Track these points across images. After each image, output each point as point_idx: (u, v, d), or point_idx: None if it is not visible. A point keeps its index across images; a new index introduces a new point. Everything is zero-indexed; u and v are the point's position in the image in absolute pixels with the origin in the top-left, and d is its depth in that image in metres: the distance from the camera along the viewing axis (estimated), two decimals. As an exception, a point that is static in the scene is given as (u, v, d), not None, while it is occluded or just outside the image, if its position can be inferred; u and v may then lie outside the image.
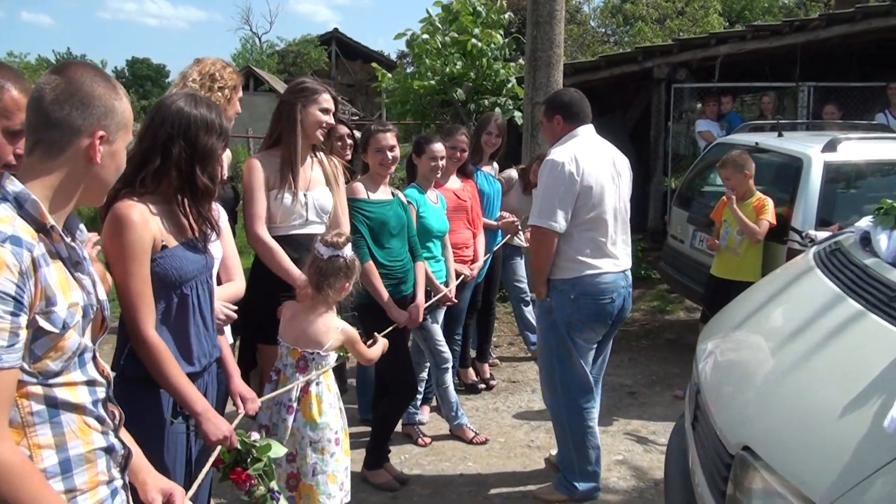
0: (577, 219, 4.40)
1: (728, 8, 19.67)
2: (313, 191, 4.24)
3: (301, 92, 4.24)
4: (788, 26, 10.56)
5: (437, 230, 5.40)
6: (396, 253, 4.81)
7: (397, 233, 4.82)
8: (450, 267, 5.62)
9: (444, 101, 10.63)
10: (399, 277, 4.82)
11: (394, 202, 4.85)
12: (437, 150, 5.35)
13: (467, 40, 10.07)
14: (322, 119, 4.21)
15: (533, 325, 7.36)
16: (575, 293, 4.44)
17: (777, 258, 6.34)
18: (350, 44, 39.62)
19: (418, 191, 5.36)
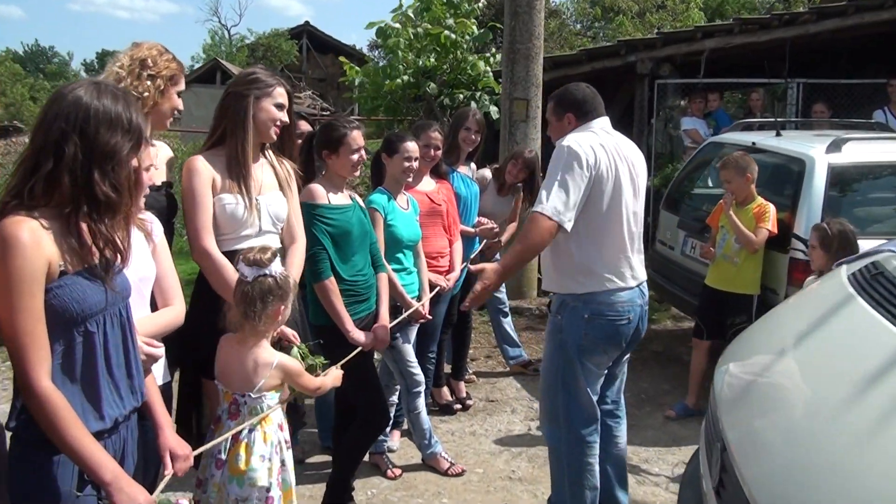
0: (589, 218, 3.81)
1: (706, 4, 19.22)
2: (265, 195, 3.68)
3: (253, 83, 3.68)
4: (778, 20, 10.10)
5: (408, 239, 4.83)
6: (360, 266, 4.24)
7: (360, 243, 4.25)
8: (423, 279, 5.05)
9: (416, 95, 10.05)
10: (362, 294, 4.25)
11: (354, 207, 4.28)
12: (412, 149, 4.78)
13: (440, 32, 9.50)
14: (276, 115, 3.66)
15: (512, 338, 6.82)
16: (589, 311, 3.90)
17: (778, 268, 5.86)
18: (321, 37, 38.86)
19: (387, 196, 4.79)
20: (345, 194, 4.28)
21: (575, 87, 4.14)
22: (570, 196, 3.69)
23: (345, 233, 4.13)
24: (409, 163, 4.76)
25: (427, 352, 5.56)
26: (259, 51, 37.87)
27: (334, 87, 33.25)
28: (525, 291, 8.82)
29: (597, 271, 3.88)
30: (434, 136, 5.32)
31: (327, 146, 4.20)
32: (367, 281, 4.27)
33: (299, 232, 3.86)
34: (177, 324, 3.03)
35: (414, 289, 4.93)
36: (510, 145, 8.60)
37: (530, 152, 6.35)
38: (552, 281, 4.07)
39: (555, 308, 4.06)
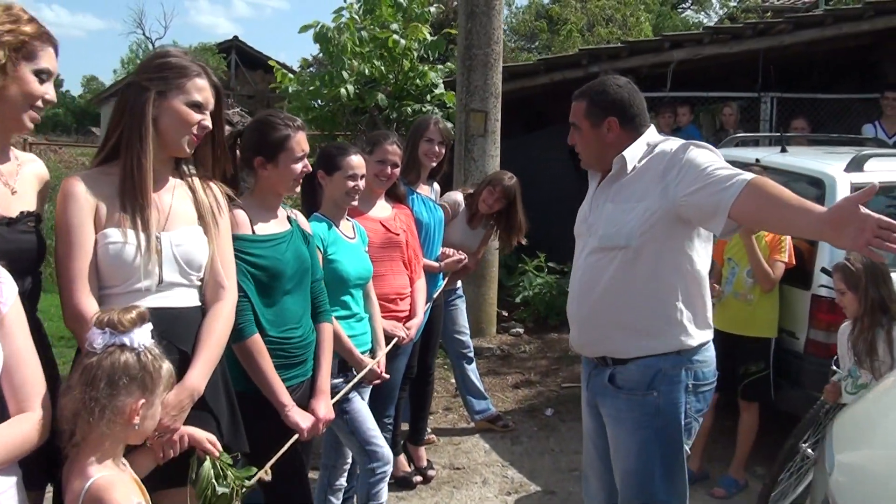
0: (702, 240, 3.04)
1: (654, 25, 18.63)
2: (174, 231, 2.58)
3: (159, 71, 2.57)
4: (751, 29, 9.31)
5: (356, 277, 3.75)
6: (294, 317, 3.13)
7: (297, 283, 3.15)
8: (377, 328, 3.98)
9: (357, 108, 8.97)
10: (296, 355, 3.14)
11: (292, 235, 3.18)
12: (357, 165, 3.73)
13: (388, 35, 8.45)
14: (190, 118, 2.58)
15: (477, 388, 5.78)
16: (693, 376, 3.03)
17: (797, 308, 4.96)
18: (251, 53, 37.34)
19: (326, 224, 3.73)
20: (279, 218, 3.19)
21: (610, 81, 3.14)
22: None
23: (275, 273, 3.04)
24: (353, 182, 3.71)
25: (382, 416, 4.49)
26: (186, 66, 36.34)
27: (264, 104, 31.99)
28: (483, 329, 7.78)
29: (700, 313, 3.05)
30: (391, 150, 4.27)
31: (261, 151, 3.09)
32: (304, 338, 3.17)
33: (229, 284, 2.74)
34: (33, 441, 2.07)
35: (365, 341, 3.86)
36: (467, 164, 7.60)
37: (511, 179, 5.31)
38: (633, 337, 3.03)
39: (637, 382, 3.04)
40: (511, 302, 8.52)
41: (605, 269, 3.01)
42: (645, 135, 3.09)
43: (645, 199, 2.93)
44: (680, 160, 2.88)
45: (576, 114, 3.11)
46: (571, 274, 3.30)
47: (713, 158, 2.86)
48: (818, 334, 4.87)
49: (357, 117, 8.98)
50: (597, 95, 3.07)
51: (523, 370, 7.13)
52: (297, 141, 3.09)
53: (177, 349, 2.52)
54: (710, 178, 2.74)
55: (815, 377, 4.82)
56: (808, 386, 4.89)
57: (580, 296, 3.14)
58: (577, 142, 3.15)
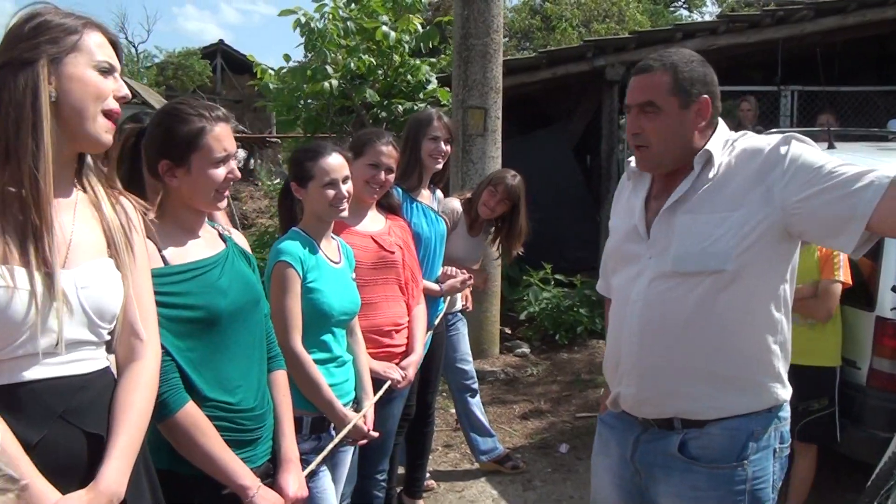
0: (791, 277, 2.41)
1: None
2: (77, 268, 1.81)
3: (36, 35, 1.81)
4: (770, 17, 8.63)
5: (340, 312, 2.99)
6: (240, 372, 2.31)
7: (242, 323, 2.32)
8: (363, 373, 3.22)
9: (343, 106, 8.22)
10: (248, 430, 2.33)
11: (227, 258, 2.36)
12: (333, 168, 2.97)
13: (376, 27, 7.71)
14: (104, 86, 1.85)
15: (482, 425, 5.02)
16: (780, 436, 2.39)
17: (858, 332, 4.23)
18: (237, 57, 36.62)
19: (307, 243, 2.97)
20: (205, 238, 2.37)
21: (690, 54, 2.42)
22: None
23: (207, 314, 2.22)
24: (333, 189, 2.95)
25: (374, 473, 3.74)
26: (169, 69, 35.57)
27: (251, 110, 31.31)
28: (485, 350, 7.02)
29: (789, 355, 2.42)
30: (385, 152, 3.52)
31: (166, 153, 2.26)
32: (258, 404, 2.36)
33: (149, 336, 1.96)
34: None
35: (348, 389, 3.09)
36: (464, 166, 6.86)
37: (514, 177, 4.54)
38: (720, 391, 2.33)
39: (723, 451, 2.33)
40: (515, 318, 7.77)
41: (684, 300, 2.28)
42: (721, 126, 2.39)
43: (742, 207, 2.22)
44: (783, 156, 2.19)
45: (655, 89, 2.31)
46: (617, 309, 2.51)
47: (824, 154, 2.19)
48: (883, 363, 4.14)
49: (343, 117, 8.23)
50: (687, 66, 2.31)
51: (532, 397, 6.37)
52: (215, 136, 2.25)
53: (83, 434, 1.78)
54: (834, 178, 2.09)
55: (880, 414, 4.14)
56: (871, 425, 4.18)
57: (644, 336, 2.36)
58: (647, 129, 2.34)
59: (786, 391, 2.36)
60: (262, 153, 22.78)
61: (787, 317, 2.35)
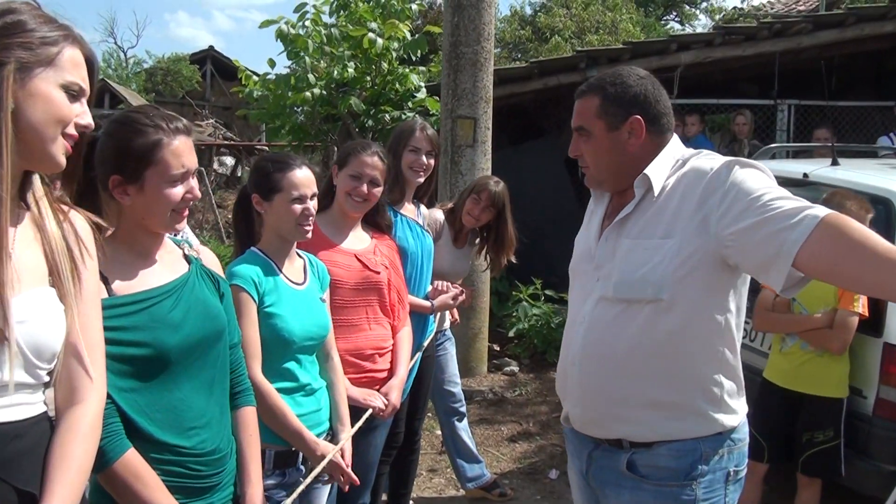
0: (744, 286, 2.32)
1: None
2: (15, 298, 1.57)
3: (8, 35, 1.58)
4: (767, 29, 8.44)
5: (303, 338, 2.74)
6: (197, 411, 2.06)
7: (199, 358, 2.08)
8: (338, 401, 2.96)
9: (329, 115, 7.99)
10: (205, 477, 2.07)
11: (186, 283, 2.11)
12: (302, 182, 2.74)
13: (363, 34, 7.48)
14: (66, 111, 1.64)
15: (469, 450, 4.78)
16: (735, 461, 2.33)
17: (864, 359, 4.01)
18: (227, 64, 36.36)
19: (262, 264, 2.74)
20: (163, 261, 2.13)
21: (633, 70, 2.36)
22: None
23: (155, 356, 1.97)
24: (301, 205, 2.73)
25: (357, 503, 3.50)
26: (158, 75, 35.29)
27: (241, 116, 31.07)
28: (473, 367, 6.79)
29: (739, 378, 2.32)
30: (369, 163, 3.29)
31: (118, 168, 2.01)
32: (217, 448, 2.10)
33: (96, 376, 1.72)
34: None
35: (320, 419, 2.85)
36: (454, 177, 6.63)
37: (497, 183, 4.33)
38: (663, 416, 2.25)
39: (670, 471, 2.26)
40: (503, 334, 7.53)
41: (625, 326, 2.23)
42: (670, 144, 2.33)
43: (676, 234, 2.17)
44: (724, 183, 2.11)
45: (584, 113, 2.32)
46: (567, 327, 2.47)
47: (768, 183, 2.11)
48: (891, 392, 3.93)
49: (329, 125, 8.00)
50: (614, 88, 2.27)
51: (520, 418, 6.14)
52: (173, 151, 2.00)
53: (15, 491, 1.56)
54: (768, 212, 1.99)
55: (887, 446, 3.94)
56: (878, 457, 3.97)
57: (585, 360, 2.33)
58: (583, 152, 2.34)
59: (733, 417, 2.28)
60: (249, 161, 22.55)
61: (732, 346, 2.26)
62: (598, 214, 2.43)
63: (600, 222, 2.41)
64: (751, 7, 16.93)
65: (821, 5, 12.52)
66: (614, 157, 2.29)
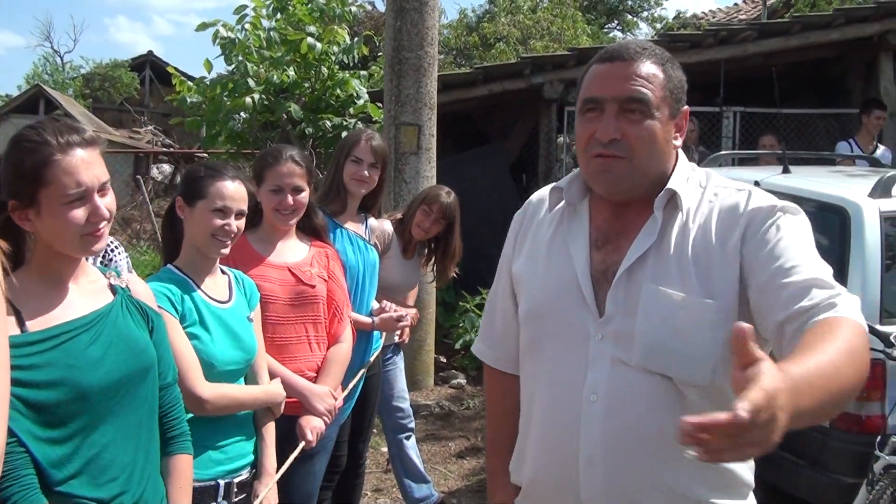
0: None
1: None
2: None
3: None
4: (713, 37, 8.41)
5: (224, 362, 2.50)
6: (120, 461, 1.83)
7: (122, 400, 1.85)
8: (264, 433, 2.72)
9: (267, 121, 7.74)
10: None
11: (107, 316, 1.88)
12: (230, 195, 2.52)
13: (301, 38, 7.26)
14: None
15: (417, 470, 4.58)
16: None
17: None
18: (166, 69, 35.79)
19: (179, 284, 2.50)
20: (92, 284, 1.91)
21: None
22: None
23: (72, 397, 1.75)
24: (222, 219, 2.50)
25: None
26: (96, 81, 34.51)
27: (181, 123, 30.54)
28: (419, 381, 6.59)
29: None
30: (287, 171, 3.07)
31: (15, 191, 1.79)
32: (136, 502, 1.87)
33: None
34: None
35: (246, 451, 2.62)
36: (397, 185, 6.44)
37: (449, 194, 4.19)
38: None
39: None
40: (450, 346, 7.34)
41: (667, 409, 1.66)
42: (682, 155, 1.83)
43: (720, 295, 1.65)
44: (765, 232, 1.65)
45: (647, 84, 1.70)
46: (547, 400, 1.81)
47: (809, 239, 1.66)
48: (848, 404, 3.84)
49: (268, 132, 7.75)
50: (672, 66, 1.77)
51: (468, 433, 5.95)
52: (64, 168, 1.76)
53: None
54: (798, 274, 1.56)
55: (844, 457, 3.83)
56: (835, 469, 3.89)
57: (615, 451, 1.69)
58: (631, 135, 1.69)
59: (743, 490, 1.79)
60: (188, 169, 22.14)
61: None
62: (580, 241, 1.81)
63: (587, 250, 1.79)
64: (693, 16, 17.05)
65: (762, 15, 12.62)
66: (664, 152, 1.74)
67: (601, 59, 1.76)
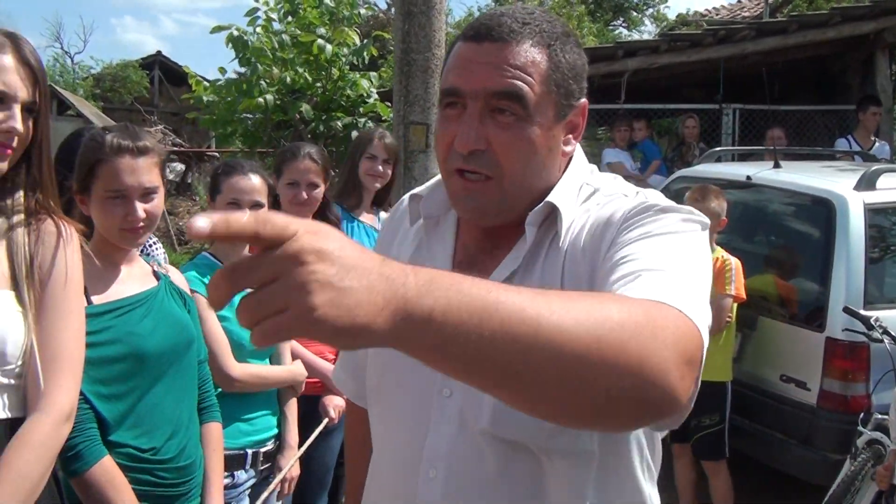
0: None
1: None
2: None
3: None
4: (712, 36, 8.65)
5: (251, 344, 2.73)
6: (168, 419, 2.08)
7: (170, 368, 2.09)
8: (288, 410, 2.98)
9: (281, 121, 7.99)
10: (173, 485, 2.08)
11: (156, 296, 2.12)
12: (243, 189, 2.76)
13: (312, 41, 7.51)
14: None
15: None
16: None
17: (807, 352, 4.17)
18: (175, 69, 35.92)
19: (213, 270, 2.74)
20: (132, 274, 2.14)
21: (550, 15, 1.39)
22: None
23: (132, 353, 1.99)
24: (235, 210, 2.74)
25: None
26: (106, 81, 34.84)
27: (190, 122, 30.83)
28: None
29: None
30: (304, 168, 3.31)
31: (76, 175, 2.06)
32: (187, 457, 2.13)
33: (53, 387, 1.68)
34: None
35: (269, 424, 2.87)
36: (406, 182, 6.65)
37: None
38: None
39: None
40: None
41: (521, 489, 1.29)
42: (578, 155, 1.41)
43: None
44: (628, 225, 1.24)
45: (522, 71, 1.26)
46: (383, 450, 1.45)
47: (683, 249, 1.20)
48: (833, 384, 4.09)
49: (281, 132, 8.00)
50: (561, 46, 1.30)
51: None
52: (112, 168, 2.00)
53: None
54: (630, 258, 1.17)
55: (831, 435, 4.09)
56: (822, 446, 4.13)
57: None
58: (499, 144, 1.27)
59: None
60: (199, 167, 22.38)
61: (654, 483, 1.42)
62: (441, 259, 1.41)
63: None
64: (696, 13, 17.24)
65: (765, 13, 12.82)
66: (547, 168, 1.33)
67: (467, 36, 1.32)
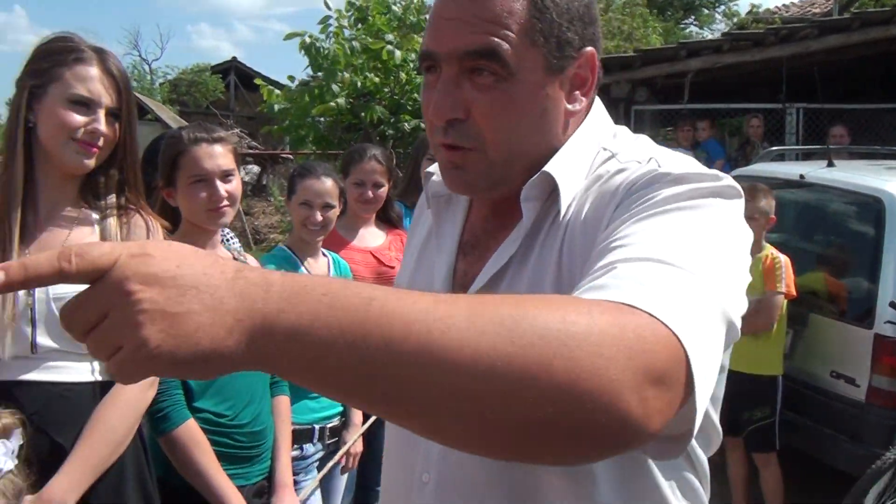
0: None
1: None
2: None
3: (35, 61, 1.96)
4: (774, 35, 8.67)
5: None
6: (245, 390, 2.37)
7: None
8: None
9: (351, 124, 8.31)
10: (247, 448, 2.37)
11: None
12: (314, 191, 3.03)
13: (381, 47, 7.80)
14: (72, 120, 1.90)
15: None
16: None
17: (856, 349, 4.26)
18: (250, 74, 36.96)
19: (287, 259, 3.05)
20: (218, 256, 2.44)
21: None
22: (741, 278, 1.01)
23: None
24: (307, 211, 3.02)
25: (376, 484, 3.70)
26: (182, 86, 35.86)
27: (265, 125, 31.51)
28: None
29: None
30: (369, 168, 3.56)
31: (161, 173, 2.37)
32: (260, 423, 2.41)
33: None
34: None
35: (334, 403, 3.11)
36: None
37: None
38: None
39: None
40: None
41: (529, 494, 1.13)
42: (594, 114, 1.23)
43: None
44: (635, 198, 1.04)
45: (496, 22, 1.07)
46: (395, 452, 1.32)
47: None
48: (882, 381, 4.17)
49: (351, 134, 8.32)
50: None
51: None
52: (192, 156, 2.29)
53: (49, 441, 1.84)
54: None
55: (879, 431, 4.16)
56: (871, 442, 4.20)
57: None
58: (478, 111, 1.10)
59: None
60: (274, 169, 22.97)
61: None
62: (447, 242, 1.28)
63: (452, 258, 1.26)
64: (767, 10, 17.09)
65: (834, 9, 12.69)
66: (542, 125, 1.14)
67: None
